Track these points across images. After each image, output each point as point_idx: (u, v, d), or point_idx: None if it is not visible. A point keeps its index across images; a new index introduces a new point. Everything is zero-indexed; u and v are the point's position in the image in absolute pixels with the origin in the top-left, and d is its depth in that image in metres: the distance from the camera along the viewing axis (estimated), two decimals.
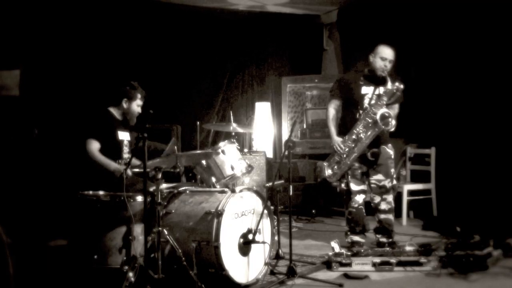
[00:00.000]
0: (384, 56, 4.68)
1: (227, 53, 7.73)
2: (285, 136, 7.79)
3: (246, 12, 7.54)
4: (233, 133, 5.00)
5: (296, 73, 8.04)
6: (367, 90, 4.73)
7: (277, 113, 7.99)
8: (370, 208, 4.94)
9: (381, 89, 4.65)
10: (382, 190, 4.77)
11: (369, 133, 4.62)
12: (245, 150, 6.52)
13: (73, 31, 6.13)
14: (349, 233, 4.89)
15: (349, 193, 4.82)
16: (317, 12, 7.97)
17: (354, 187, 4.80)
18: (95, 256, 3.56)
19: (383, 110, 4.57)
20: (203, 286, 3.51)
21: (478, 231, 4.60)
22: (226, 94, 7.81)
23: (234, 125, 5.00)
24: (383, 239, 4.83)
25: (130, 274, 3.43)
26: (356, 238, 4.86)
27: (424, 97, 6.40)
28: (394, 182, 4.89)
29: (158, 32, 6.87)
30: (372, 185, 4.81)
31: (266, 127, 7.79)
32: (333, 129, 4.83)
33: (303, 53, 8.15)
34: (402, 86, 4.61)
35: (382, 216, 4.80)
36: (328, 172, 4.84)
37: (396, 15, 6.74)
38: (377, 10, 6.99)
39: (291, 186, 4.11)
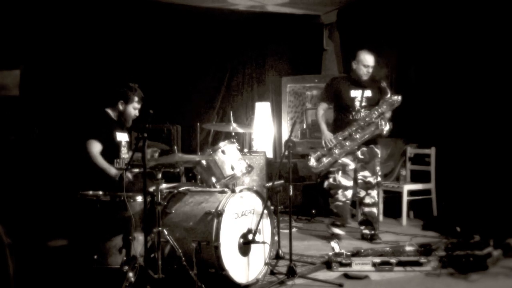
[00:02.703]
0: (366, 63, 5.12)
1: (227, 53, 7.74)
2: (285, 136, 7.79)
3: (246, 12, 7.54)
4: (233, 133, 5.00)
5: (296, 73, 8.04)
6: (356, 94, 5.16)
7: (277, 113, 8.00)
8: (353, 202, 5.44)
9: (367, 92, 5.13)
10: (368, 186, 5.17)
11: (364, 133, 5.05)
12: (245, 150, 6.52)
13: (74, 31, 6.14)
14: (330, 225, 5.24)
15: (337, 188, 5.15)
16: (317, 12, 7.97)
17: (345, 182, 5.14)
18: (95, 256, 3.56)
19: (382, 118, 5.03)
20: (203, 286, 3.51)
21: (478, 231, 4.59)
22: (226, 94, 7.82)
23: (234, 125, 5.00)
24: (366, 231, 5.22)
25: (130, 274, 3.43)
26: (337, 230, 5.20)
27: (424, 97, 6.40)
28: (379, 179, 5.28)
29: (158, 32, 6.87)
30: (359, 181, 5.21)
31: (266, 127, 7.79)
32: (323, 125, 5.22)
33: (303, 53, 8.16)
34: (400, 99, 5.08)
35: (366, 209, 5.21)
36: (313, 162, 5.20)
37: (396, 15, 6.75)
38: (377, 10, 7.00)
39: (291, 186, 4.12)
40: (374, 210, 5.22)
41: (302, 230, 5.84)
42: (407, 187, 6.03)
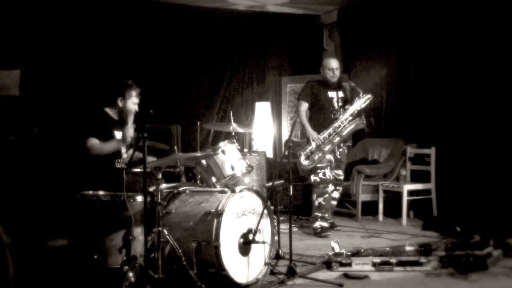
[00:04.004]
0: (330, 67, 5.59)
1: (227, 53, 7.73)
2: (285, 136, 7.79)
3: (246, 12, 7.54)
4: (233, 133, 5.00)
5: (296, 73, 8.04)
6: (332, 95, 5.63)
7: (277, 113, 8.00)
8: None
9: (340, 93, 5.64)
10: (338, 182, 5.69)
11: (348, 129, 5.50)
12: (245, 150, 6.52)
13: (74, 31, 6.13)
14: (319, 219, 5.44)
15: (327, 182, 5.49)
16: (317, 12, 7.97)
17: (329, 177, 5.52)
18: (95, 256, 3.56)
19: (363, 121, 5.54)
20: (203, 286, 3.51)
21: (478, 231, 4.59)
22: (226, 94, 7.81)
23: (234, 125, 5.00)
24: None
25: (130, 274, 3.43)
26: (325, 224, 5.44)
27: (424, 97, 6.40)
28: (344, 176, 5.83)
29: (158, 32, 6.87)
30: (332, 177, 5.62)
31: (266, 127, 7.79)
32: (308, 124, 5.58)
33: (303, 53, 8.15)
34: (372, 97, 5.59)
35: (333, 202, 5.74)
36: (303, 160, 5.53)
37: (396, 15, 6.75)
38: (377, 10, 7.00)
39: (291, 186, 4.12)
40: (335, 203, 5.86)
41: (302, 230, 5.84)
42: (407, 187, 6.03)
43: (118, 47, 6.46)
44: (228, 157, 4.22)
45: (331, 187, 5.57)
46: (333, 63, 5.62)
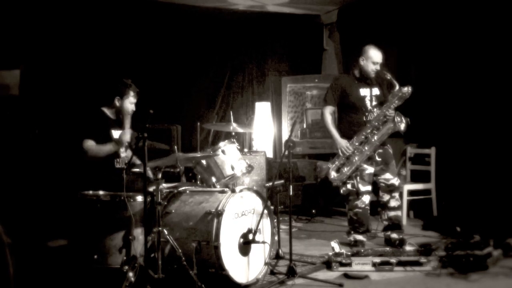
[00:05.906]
0: (375, 60, 4.88)
1: (227, 53, 7.73)
2: (285, 136, 7.78)
3: (246, 12, 7.54)
4: (233, 133, 5.00)
5: (296, 73, 8.04)
6: (365, 92, 4.94)
7: (277, 113, 7.99)
8: (372, 209, 5.12)
9: (375, 90, 4.93)
10: (390, 188, 4.94)
11: (380, 133, 4.81)
12: (245, 150, 6.52)
13: (74, 31, 6.13)
14: (352, 232, 4.99)
15: (356, 194, 4.92)
16: (317, 12, 7.97)
17: (363, 187, 4.91)
18: (95, 256, 3.56)
19: (397, 114, 4.80)
20: (203, 286, 3.51)
21: (478, 231, 4.60)
22: (226, 94, 7.81)
23: (234, 125, 5.00)
24: (394, 235, 4.95)
25: (130, 274, 3.43)
26: (360, 237, 4.96)
27: (424, 97, 6.39)
28: (400, 180, 5.11)
29: (158, 32, 6.87)
30: (381, 184, 4.97)
31: (266, 127, 7.79)
32: (335, 132, 4.96)
33: (303, 53, 8.16)
34: (410, 90, 4.82)
35: (392, 213, 4.96)
36: (333, 174, 4.95)
37: (396, 15, 6.75)
38: (377, 10, 7.00)
39: (291, 186, 4.11)
40: (400, 213, 5.01)
41: (302, 230, 5.84)
42: (407, 187, 6.03)
43: (118, 47, 6.46)
44: (228, 157, 4.22)
45: (366, 198, 4.92)
46: (380, 57, 4.87)
